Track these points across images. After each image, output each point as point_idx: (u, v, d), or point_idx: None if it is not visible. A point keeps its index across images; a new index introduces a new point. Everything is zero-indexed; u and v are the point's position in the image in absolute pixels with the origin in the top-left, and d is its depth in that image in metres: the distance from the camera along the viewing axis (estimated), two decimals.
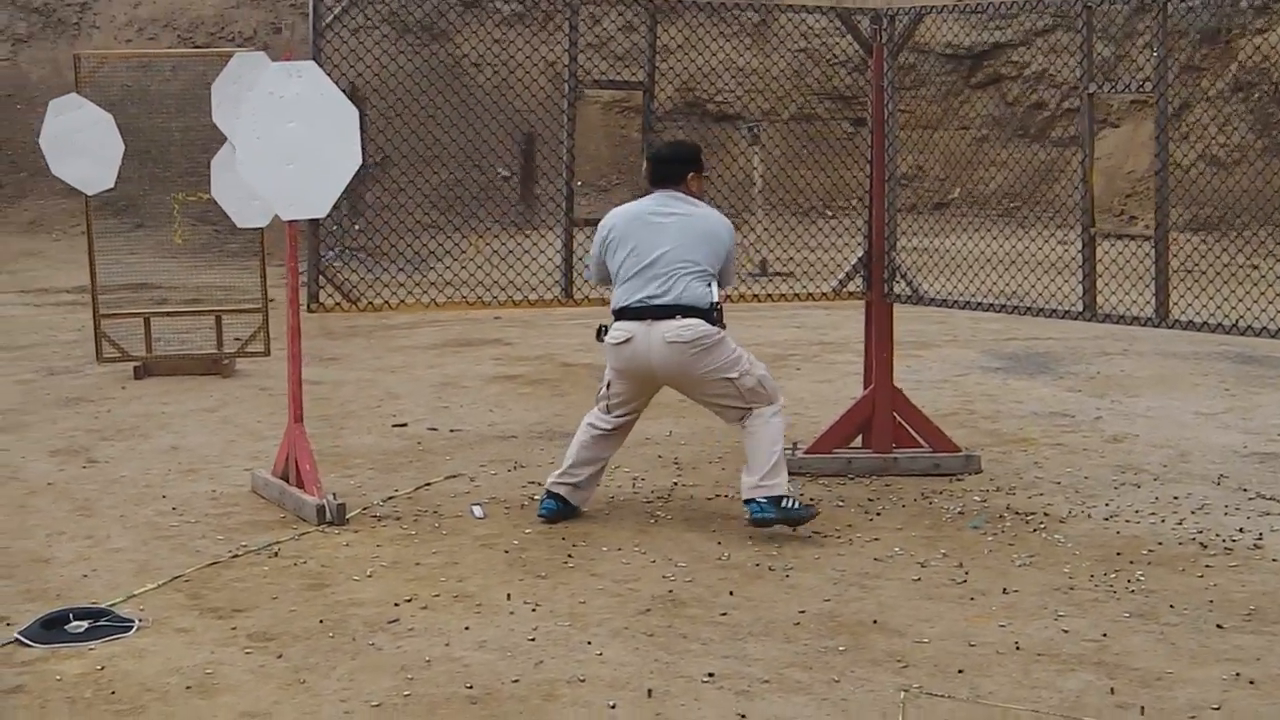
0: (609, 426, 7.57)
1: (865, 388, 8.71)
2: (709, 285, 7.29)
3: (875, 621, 6.01)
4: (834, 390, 10.96)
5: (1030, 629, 5.92)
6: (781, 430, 7.37)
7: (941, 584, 6.53)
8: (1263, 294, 7.51)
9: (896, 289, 8.59)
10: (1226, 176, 19.57)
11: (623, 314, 7.36)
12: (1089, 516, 7.57)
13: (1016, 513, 7.62)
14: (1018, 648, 5.71)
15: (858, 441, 8.66)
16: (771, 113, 24.64)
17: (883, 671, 5.47)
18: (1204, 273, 8.72)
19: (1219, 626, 5.95)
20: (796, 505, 7.25)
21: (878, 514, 7.68)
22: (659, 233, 7.36)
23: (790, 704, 5.18)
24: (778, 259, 16.34)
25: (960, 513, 7.64)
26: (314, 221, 7.84)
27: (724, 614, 6.11)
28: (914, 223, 18.54)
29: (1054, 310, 8.15)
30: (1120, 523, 7.48)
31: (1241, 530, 7.34)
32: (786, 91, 24.62)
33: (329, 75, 7.52)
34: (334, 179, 7.37)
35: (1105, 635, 5.85)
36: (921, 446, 8.56)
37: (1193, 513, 7.68)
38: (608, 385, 7.53)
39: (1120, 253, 8.19)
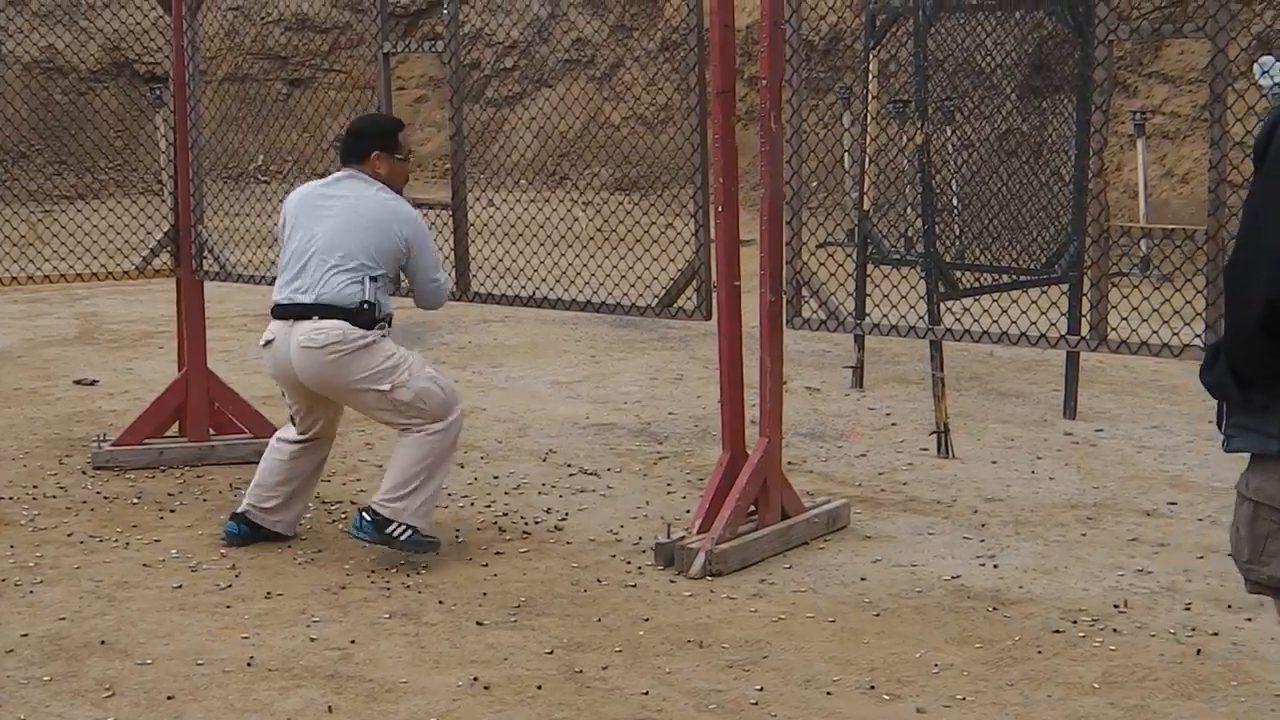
0: (295, 441, 6.56)
1: (180, 371, 8.11)
2: (361, 282, 6.26)
3: (104, 642, 5.41)
4: None
5: (276, 640, 5.44)
6: (435, 448, 6.31)
7: (204, 591, 5.99)
8: (642, 252, 7.17)
9: (206, 265, 8.00)
10: (655, 138, 19.66)
11: (274, 311, 6.39)
12: None
13: (323, 501, 7.15)
14: (250, 664, 5.21)
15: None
16: (205, 73, 23.60)
17: (83, 704, 4.88)
18: (630, 232, 8.39)
19: (479, 624, 5.59)
20: (405, 536, 6.26)
21: (172, 511, 7.10)
22: (318, 218, 6.35)
23: None
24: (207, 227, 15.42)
25: None
26: None
27: None
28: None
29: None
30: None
31: (549, 511, 7.06)
32: (219, 51, 23.78)
33: None
34: None
35: (354, 642, 5.42)
36: (243, 432, 8.02)
37: (506, 493, 7.38)
38: (283, 393, 6.57)
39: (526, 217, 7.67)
